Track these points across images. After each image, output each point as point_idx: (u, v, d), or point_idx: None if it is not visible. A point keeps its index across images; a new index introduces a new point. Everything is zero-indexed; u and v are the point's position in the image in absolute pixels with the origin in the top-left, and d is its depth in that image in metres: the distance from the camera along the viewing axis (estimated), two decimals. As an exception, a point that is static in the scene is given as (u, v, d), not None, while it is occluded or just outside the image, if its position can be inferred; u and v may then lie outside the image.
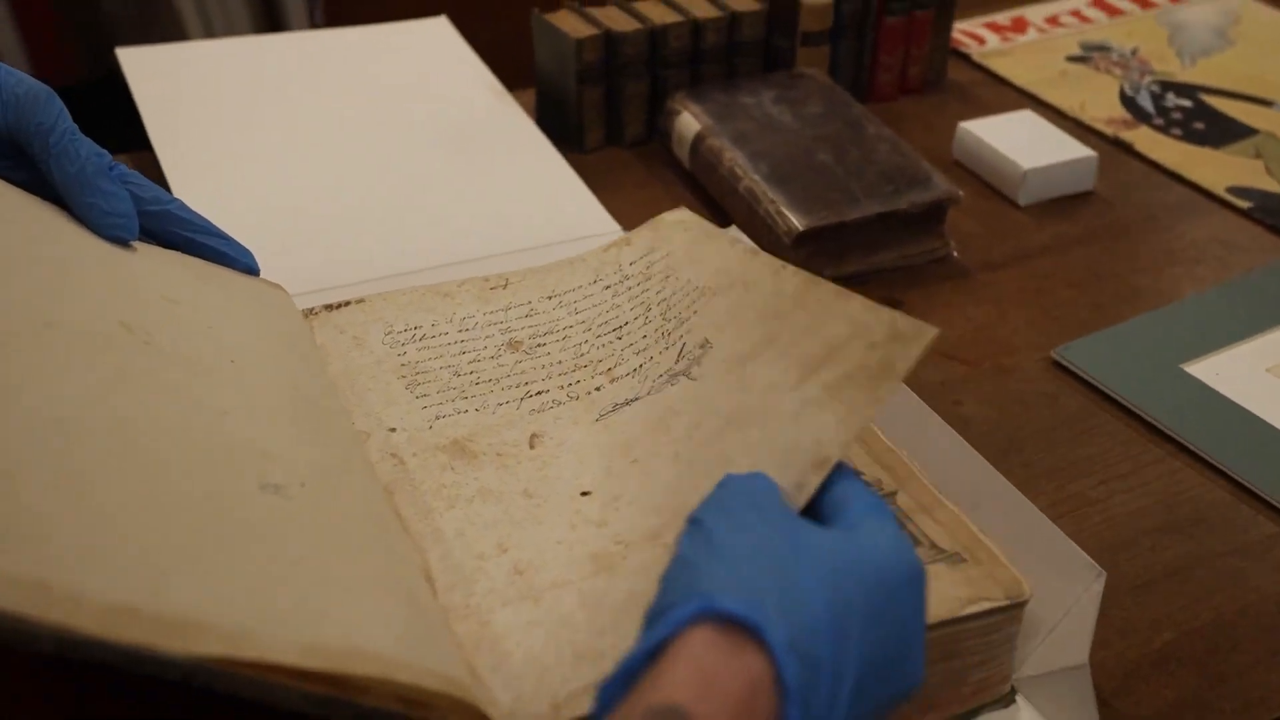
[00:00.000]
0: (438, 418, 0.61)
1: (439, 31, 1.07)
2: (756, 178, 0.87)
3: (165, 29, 2.21)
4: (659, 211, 0.92)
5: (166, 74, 0.96)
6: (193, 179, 0.86)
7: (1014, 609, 0.54)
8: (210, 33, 2.21)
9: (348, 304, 0.69)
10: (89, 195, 0.59)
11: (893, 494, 0.59)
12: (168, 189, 0.85)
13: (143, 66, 0.96)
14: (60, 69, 2.13)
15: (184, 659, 0.38)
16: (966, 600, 0.53)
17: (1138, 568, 0.64)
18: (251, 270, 0.66)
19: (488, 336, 0.67)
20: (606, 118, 0.99)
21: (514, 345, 0.66)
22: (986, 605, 0.53)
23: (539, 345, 0.66)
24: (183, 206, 0.65)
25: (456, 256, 0.81)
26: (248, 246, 0.67)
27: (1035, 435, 0.73)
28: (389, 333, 0.67)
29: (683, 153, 0.95)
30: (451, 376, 0.64)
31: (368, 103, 0.98)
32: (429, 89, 1.00)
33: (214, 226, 0.66)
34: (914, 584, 0.45)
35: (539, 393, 0.63)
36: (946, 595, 0.53)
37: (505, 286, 0.70)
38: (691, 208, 0.92)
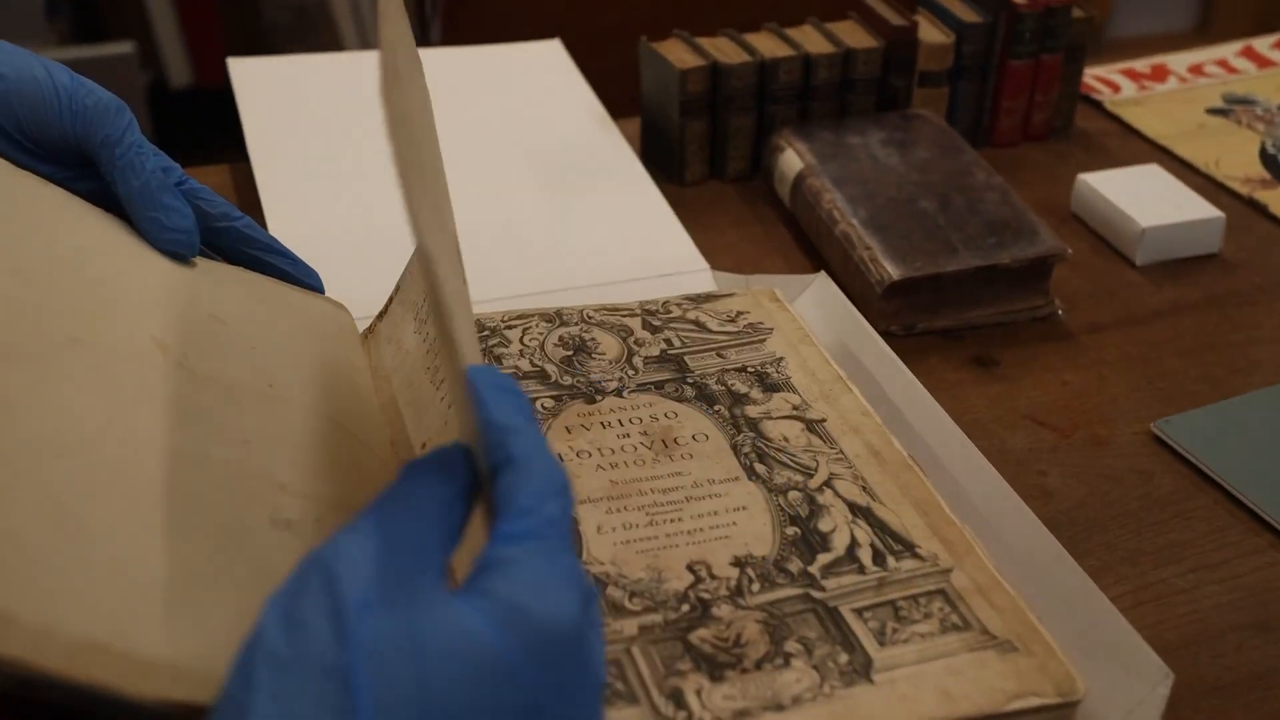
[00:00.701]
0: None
1: (551, 55, 1.06)
2: (854, 222, 0.84)
3: (321, 38, 2.26)
4: (752, 251, 0.90)
5: (273, 86, 0.97)
6: (285, 193, 0.87)
7: (1065, 708, 0.50)
8: (365, 44, 2.25)
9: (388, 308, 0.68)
10: (151, 209, 0.59)
11: (947, 571, 0.55)
12: (259, 202, 0.86)
13: (251, 77, 0.97)
14: (222, 73, 2.20)
15: (151, 701, 0.37)
16: (1013, 694, 0.50)
17: (1219, 669, 0.60)
18: (315, 290, 0.66)
19: None
20: (710, 152, 0.96)
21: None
22: (1035, 702, 0.50)
23: None
24: (250, 225, 0.65)
25: (538, 287, 0.80)
26: (334, 266, 0.67)
27: (1123, 515, 0.68)
28: (416, 316, 0.66)
29: (784, 191, 0.92)
30: None
31: (469, 123, 0.97)
32: (533, 113, 0.99)
33: (280, 245, 0.65)
34: (576, 638, 0.37)
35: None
36: (991, 686, 0.50)
37: None
38: (788, 250, 0.90)
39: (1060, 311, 0.83)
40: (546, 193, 0.90)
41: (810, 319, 0.76)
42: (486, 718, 0.35)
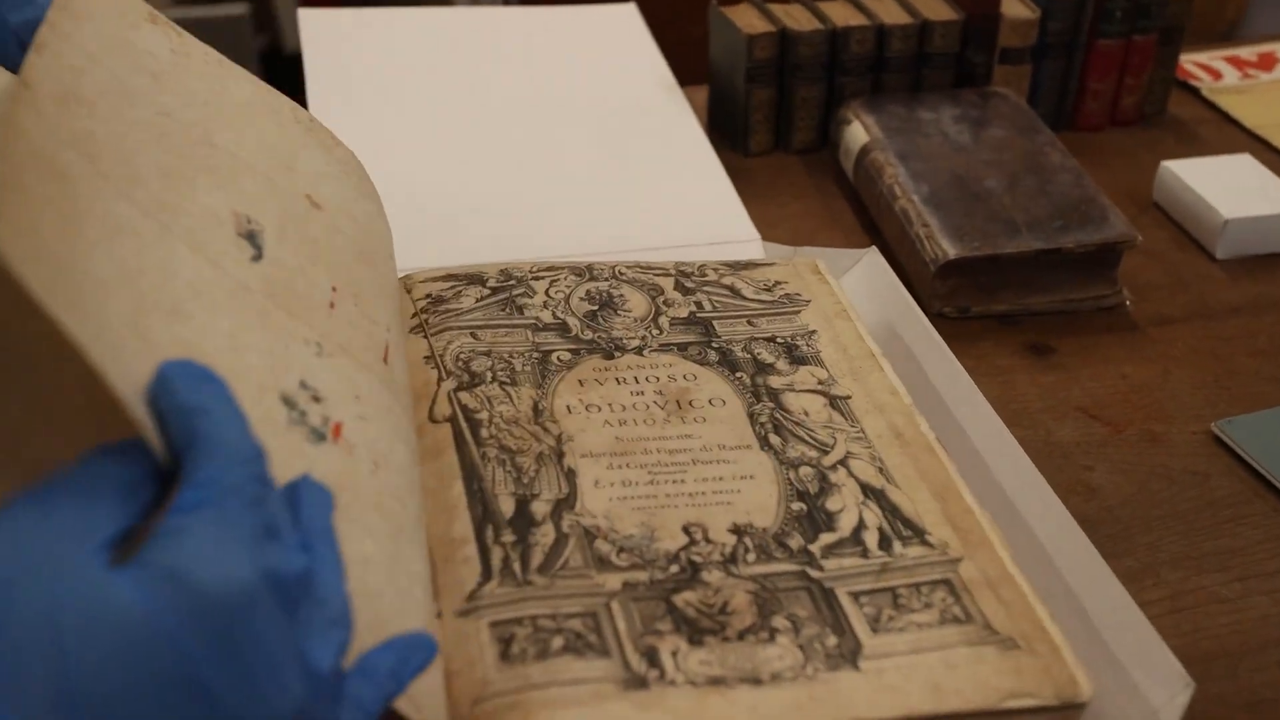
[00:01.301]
0: None
1: (625, 18, 1.04)
2: (914, 198, 0.80)
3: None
4: (810, 225, 0.87)
5: (342, 38, 0.96)
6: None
7: (1067, 711, 0.47)
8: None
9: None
10: None
11: (956, 560, 0.52)
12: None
13: (321, 29, 0.96)
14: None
15: None
16: (1008, 693, 0.47)
17: (1257, 684, 0.55)
18: None
19: None
20: (775, 122, 0.93)
21: None
22: (1030, 702, 0.46)
23: None
24: None
25: (584, 248, 0.78)
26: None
27: (1171, 516, 0.64)
28: None
29: (848, 165, 0.89)
30: None
31: (537, 84, 0.95)
32: (600, 76, 0.97)
33: None
34: (246, 607, 0.33)
35: None
36: (986, 683, 0.47)
37: None
38: (848, 225, 0.87)
39: (1128, 302, 0.79)
40: (603, 155, 0.88)
41: (858, 295, 0.73)
42: (141, 691, 0.32)
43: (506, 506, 0.53)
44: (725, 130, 0.95)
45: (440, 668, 0.46)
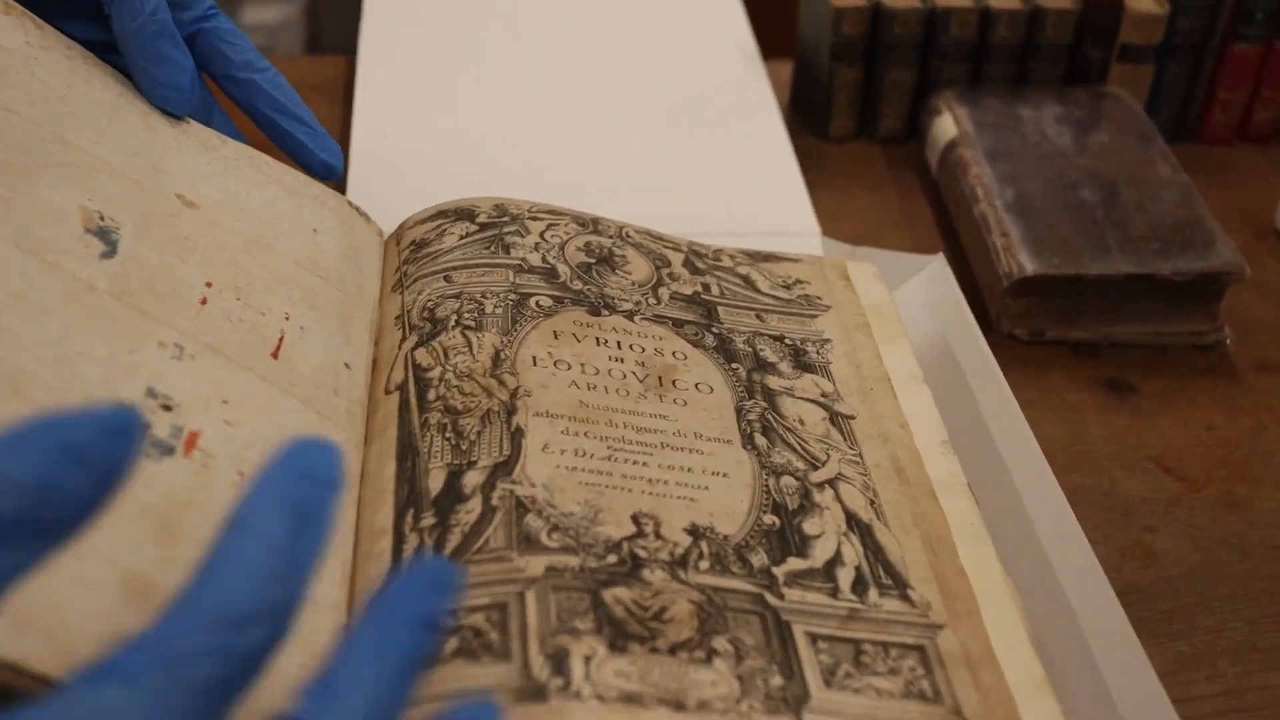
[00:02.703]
0: None
1: (715, -18, 0.96)
2: (997, 203, 0.72)
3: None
4: (880, 222, 0.79)
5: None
6: (384, 92, 0.81)
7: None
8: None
9: None
10: (142, 58, 0.53)
11: (936, 627, 0.45)
12: (350, 96, 0.80)
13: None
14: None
15: None
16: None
17: (1313, 814, 0.47)
18: (329, 168, 0.59)
19: None
20: (861, 106, 0.85)
21: None
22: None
23: None
24: (274, 80, 0.58)
25: (622, 219, 0.72)
26: (422, 181, 0.60)
27: (1240, 597, 0.55)
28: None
29: (933, 159, 0.80)
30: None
31: (605, 47, 0.89)
32: (677, 42, 0.90)
33: (303, 110, 0.59)
34: None
35: None
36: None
37: None
38: (923, 227, 0.78)
39: (1228, 341, 0.69)
40: (663, 123, 0.81)
41: (916, 305, 0.65)
42: None
43: (435, 482, 0.46)
44: (806, 111, 0.87)
45: None
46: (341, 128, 0.78)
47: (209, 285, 0.48)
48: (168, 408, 0.43)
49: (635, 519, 0.46)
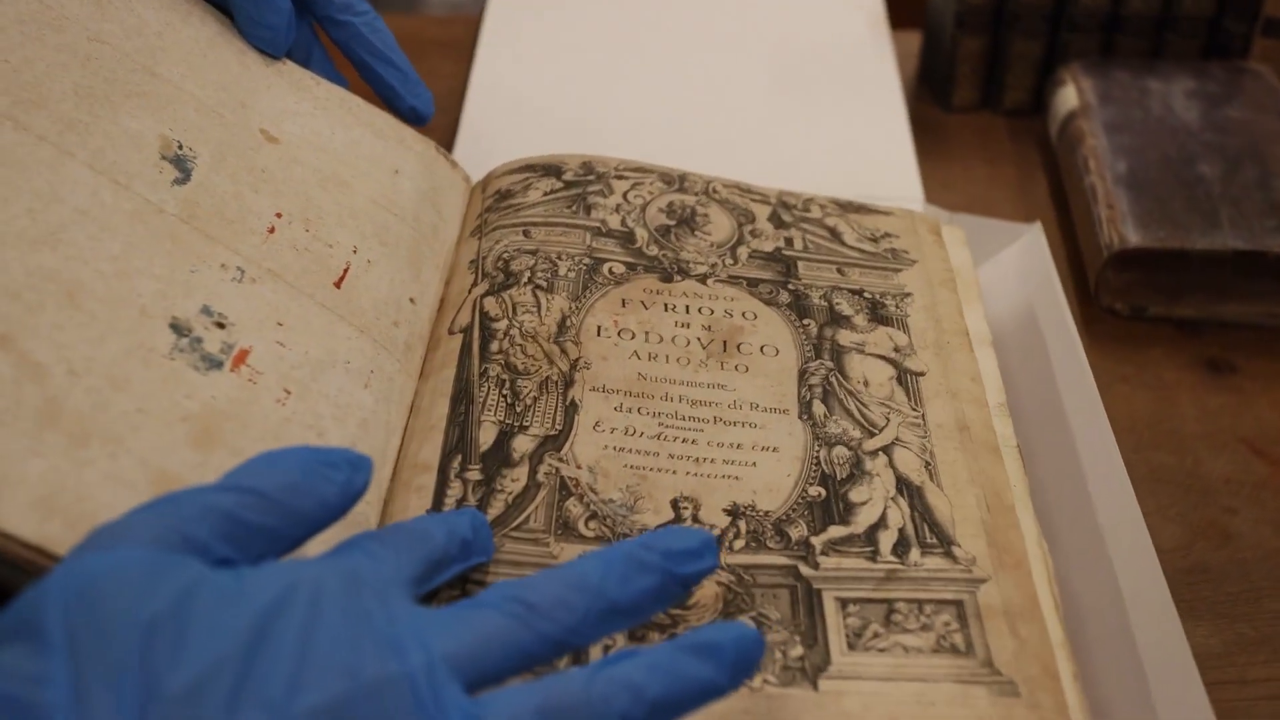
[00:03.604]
0: None
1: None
2: (1106, 174, 0.70)
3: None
4: (993, 195, 0.77)
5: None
6: (505, 48, 0.83)
7: (1052, 789, 0.39)
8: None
9: None
10: None
11: (979, 581, 0.44)
12: (473, 45, 0.83)
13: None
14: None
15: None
16: (986, 748, 0.39)
17: (1362, 807, 0.45)
18: (417, 114, 0.62)
19: None
20: (985, 76, 0.84)
21: None
22: (1005, 768, 0.38)
23: None
24: (372, 23, 0.61)
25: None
26: (531, 135, 0.62)
27: (1317, 585, 0.53)
28: None
29: (1053, 130, 0.78)
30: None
31: (732, 11, 0.89)
32: (806, 2, 0.90)
33: (398, 55, 0.62)
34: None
35: None
36: (964, 731, 0.39)
37: None
38: (1036, 200, 0.76)
39: (1347, 327, 0.66)
40: (779, 87, 0.81)
41: (1010, 272, 0.64)
42: None
43: (487, 436, 0.48)
44: (931, 80, 0.86)
45: None
46: (464, 84, 0.81)
47: (279, 215, 0.51)
48: (221, 325, 0.45)
49: (674, 504, 0.47)
